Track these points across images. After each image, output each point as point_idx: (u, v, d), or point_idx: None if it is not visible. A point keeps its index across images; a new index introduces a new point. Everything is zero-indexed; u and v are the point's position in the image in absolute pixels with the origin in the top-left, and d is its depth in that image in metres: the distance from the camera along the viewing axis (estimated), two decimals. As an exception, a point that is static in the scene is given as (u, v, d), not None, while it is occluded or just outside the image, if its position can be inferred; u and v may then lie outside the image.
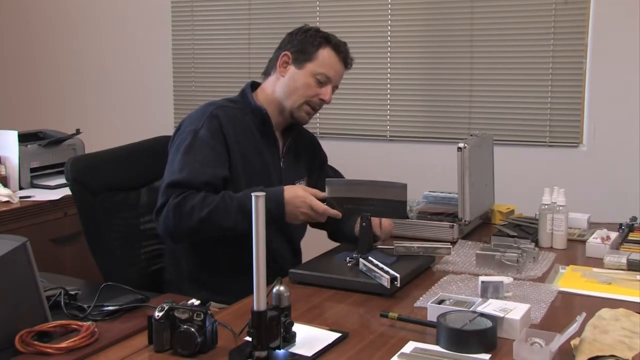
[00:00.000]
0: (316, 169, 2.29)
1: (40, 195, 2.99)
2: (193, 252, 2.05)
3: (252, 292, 1.29)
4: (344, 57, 2.14)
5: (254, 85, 2.18)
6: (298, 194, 1.91)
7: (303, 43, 2.09)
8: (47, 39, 4.21)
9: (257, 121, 2.09)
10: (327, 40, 2.11)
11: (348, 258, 1.89)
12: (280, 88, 2.10)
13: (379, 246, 1.99)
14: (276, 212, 1.89)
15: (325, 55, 2.09)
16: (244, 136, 2.05)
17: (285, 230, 2.08)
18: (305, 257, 2.12)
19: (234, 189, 1.96)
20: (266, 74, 2.17)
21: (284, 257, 2.10)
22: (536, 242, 2.14)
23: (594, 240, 2.08)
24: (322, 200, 1.93)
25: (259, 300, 1.30)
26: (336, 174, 2.36)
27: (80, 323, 1.48)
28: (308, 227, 2.25)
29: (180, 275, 2.08)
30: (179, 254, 2.08)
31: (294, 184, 2.12)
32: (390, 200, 1.94)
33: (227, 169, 1.99)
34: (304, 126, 2.33)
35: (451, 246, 2.00)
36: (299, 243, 2.24)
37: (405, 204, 1.97)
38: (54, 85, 4.22)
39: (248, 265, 1.28)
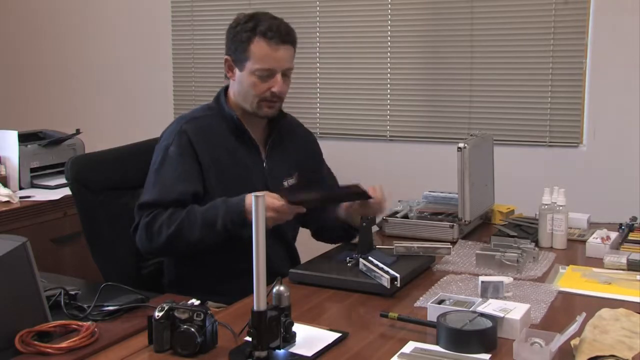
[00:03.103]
0: (309, 162, 2.24)
1: (40, 195, 2.99)
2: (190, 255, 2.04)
3: (248, 293, 1.29)
4: (279, 38, 1.98)
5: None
6: None
7: (234, 42, 2.01)
8: (47, 39, 4.21)
9: (232, 126, 2.06)
10: (254, 30, 1.98)
11: (348, 258, 1.89)
12: (236, 92, 2.06)
13: (379, 246, 1.99)
14: (239, 221, 1.87)
15: (257, 48, 1.98)
16: (218, 146, 2.02)
17: (277, 232, 2.06)
18: (305, 257, 2.12)
19: (213, 200, 1.95)
20: (226, 76, 2.12)
21: (280, 259, 2.09)
22: (536, 242, 2.14)
23: (594, 240, 2.08)
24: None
25: (259, 300, 1.30)
26: (330, 172, 2.32)
27: (80, 323, 1.48)
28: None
29: (177, 276, 2.08)
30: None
31: (282, 183, 2.11)
32: (348, 189, 2.00)
33: (198, 184, 1.97)
34: (300, 120, 2.32)
35: (451, 246, 2.00)
36: (293, 243, 2.23)
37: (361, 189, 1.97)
38: (54, 85, 4.22)
39: (244, 267, 1.28)
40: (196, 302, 1.43)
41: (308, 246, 2.25)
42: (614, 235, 2.14)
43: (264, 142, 2.13)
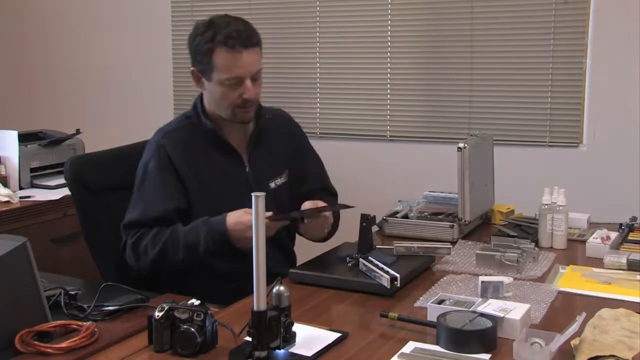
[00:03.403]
0: (298, 158, 2.19)
1: (40, 195, 2.99)
2: None
3: (247, 295, 1.29)
4: (240, 44, 1.91)
5: None
6: (241, 220, 1.84)
7: (197, 54, 1.96)
8: (47, 39, 4.21)
9: (210, 136, 2.03)
10: (214, 40, 1.92)
11: (348, 258, 1.89)
12: (209, 101, 2.03)
13: (379, 247, 1.99)
14: (221, 241, 1.86)
15: (220, 58, 1.92)
16: (198, 157, 2.00)
17: (274, 235, 2.00)
18: (305, 257, 2.12)
19: (199, 213, 1.94)
20: None
21: (277, 262, 2.06)
22: (536, 242, 2.14)
23: (594, 240, 2.08)
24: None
25: (259, 300, 1.30)
26: (316, 164, 2.25)
27: (80, 323, 1.48)
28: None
29: (174, 278, 2.07)
30: None
31: (268, 186, 2.08)
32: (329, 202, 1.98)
33: (181, 200, 1.96)
34: (300, 120, 2.30)
35: (451, 246, 2.00)
36: (292, 246, 2.22)
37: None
38: (54, 85, 4.22)
39: (243, 269, 1.27)
40: (196, 302, 1.43)
41: (308, 247, 2.25)
42: (614, 235, 2.14)
43: (246, 145, 2.08)
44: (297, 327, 1.43)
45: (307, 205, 1.95)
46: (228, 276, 1.95)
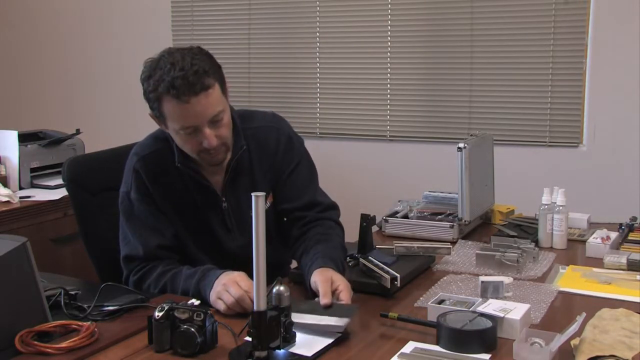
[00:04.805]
0: (281, 169, 1.95)
1: (40, 195, 2.99)
2: (186, 261, 2.00)
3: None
4: (186, 94, 1.68)
5: None
6: (225, 280, 1.67)
7: (148, 100, 1.80)
8: (48, 39, 4.21)
9: (184, 171, 1.88)
10: (157, 90, 1.73)
11: (348, 258, 1.89)
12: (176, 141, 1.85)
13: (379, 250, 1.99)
14: (200, 296, 1.70)
15: (168, 109, 1.73)
16: (172, 185, 1.88)
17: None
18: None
19: (184, 240, 1.89)
20: None
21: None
22: (536, 242, 2.14)
23: (594, 240, 2.08)
24: None
25: (259, 300, 1.30)
26: (305, 177, 1.98)
27: (80, 323, 1.48)
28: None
29: None
30: None
31: (250, 216, 1.72)
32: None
33: (169, 223, 1.87)
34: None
35: (451, 246, 2.00)
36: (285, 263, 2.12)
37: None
38: (54, 85, 4.22)
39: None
40: (196, 302, 1.43)
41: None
42: (614, 235, 2.13)
43: (222, 180, 1.90)
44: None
45: (319, 286, 1.63)
46: None
